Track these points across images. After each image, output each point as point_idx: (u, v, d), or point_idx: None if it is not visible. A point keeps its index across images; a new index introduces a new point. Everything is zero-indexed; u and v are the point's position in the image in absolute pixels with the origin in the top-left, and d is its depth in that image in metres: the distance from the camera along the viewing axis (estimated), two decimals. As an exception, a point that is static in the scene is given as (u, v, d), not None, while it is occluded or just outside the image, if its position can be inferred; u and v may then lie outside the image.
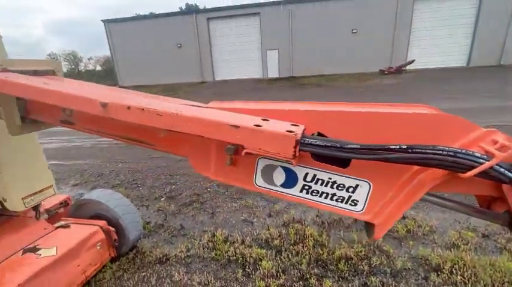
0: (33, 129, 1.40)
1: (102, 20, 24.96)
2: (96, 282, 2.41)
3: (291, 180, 0.97)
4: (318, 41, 22.92)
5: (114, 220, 2.62)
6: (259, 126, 0.73)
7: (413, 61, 20.12)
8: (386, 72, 20.35)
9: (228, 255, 2.66)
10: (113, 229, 2.57)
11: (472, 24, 20.62)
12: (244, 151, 0.75)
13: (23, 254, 2.15)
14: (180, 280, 2.40)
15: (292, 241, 2.81)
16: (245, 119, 0.80)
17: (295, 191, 0.98)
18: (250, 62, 24.69)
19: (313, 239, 2.79)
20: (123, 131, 1.17)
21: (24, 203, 2.15)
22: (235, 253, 2.67)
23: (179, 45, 24.92)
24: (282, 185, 0.99)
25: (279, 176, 0.97)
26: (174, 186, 4.49)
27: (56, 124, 1.31)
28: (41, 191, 2.29)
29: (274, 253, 2.67)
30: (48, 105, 1.25)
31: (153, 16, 26.16)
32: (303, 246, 2.71)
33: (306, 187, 0.96)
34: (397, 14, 21.25)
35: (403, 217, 3.09)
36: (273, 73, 24.30)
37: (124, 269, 2.56)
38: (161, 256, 2.72)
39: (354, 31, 22.34)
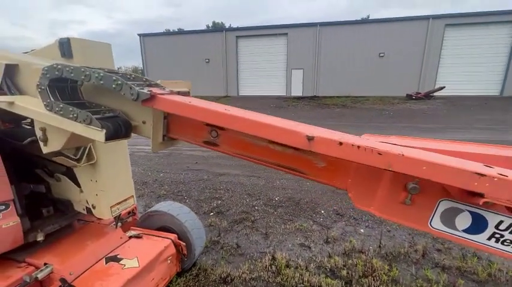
0: (167, 146, 1.45)
1: (138, 34, 26.63)
2: (165, 298, 2.38)
3: (478, 226, 0.92)
4: (343, 62, 23.11)
5: (183, 234, 2.62)
6: (505, 175, 0.70)
7: (443, 87, 19.67)
8: (414, 97, 19.99)
9: (295, 281, 2.57)
10: (183, 243, 2.57)
11: (508, 53, 20.10)
12: (483, 200, 0.72)
13: (106, 262, 2.17)
14: (251, 304, 2.33)
15: (361, 273, 2.68)
16: (468, 164, 0.78)
17: (481, 238, 0.93)
18: (275, 80, 25.15)
19: (384, 273, 2.65)
20: (274, 158, 1.18)
21: (111, 212, 2.20)
22: (303, 281, 2.57)
23: (207, 61, 25.95)
24: (465, 231, 0.95)
25: (464, 221, 0.93)
26: (220, 201, 4.49)
27: (197, 144, 1.35)
28: (125, 200, 2.34)
29: (343, 284, 2.55)
30: (195, 127, 1.30)
31: (184, 32, 27.65)
32: (373, 279, 2.57)
33: (497, 235, 0.91)
34: (426, 40, 21.15)
35: (478, 257, 2.89)
36: (296, 92, 24.55)
37: (190, 287, 2.53)
38: (224, 275, 2.67)
39: (381, 55, 22.38)
